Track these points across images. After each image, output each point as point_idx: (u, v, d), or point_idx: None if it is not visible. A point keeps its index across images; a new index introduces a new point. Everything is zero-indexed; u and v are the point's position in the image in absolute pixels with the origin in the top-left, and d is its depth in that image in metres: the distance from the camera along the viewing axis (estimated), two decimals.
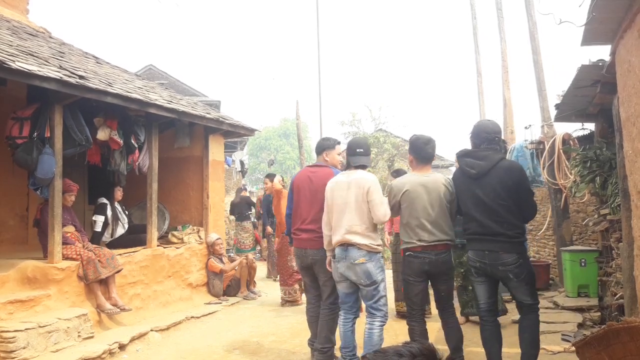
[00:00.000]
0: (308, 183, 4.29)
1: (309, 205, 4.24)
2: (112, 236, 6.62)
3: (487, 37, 64.40)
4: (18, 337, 4.22)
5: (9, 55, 4.73)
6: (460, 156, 3.75)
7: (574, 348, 2.99)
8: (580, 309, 5.66)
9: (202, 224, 7.83)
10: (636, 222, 3.41)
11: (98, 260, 5.47)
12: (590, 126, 6.26)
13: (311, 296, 4.46)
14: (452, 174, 3.90)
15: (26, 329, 4.31)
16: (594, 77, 4.48)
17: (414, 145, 3.86)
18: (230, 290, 7.70)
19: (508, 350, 3.72)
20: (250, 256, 8.03)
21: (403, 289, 4.11)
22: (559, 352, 4.32)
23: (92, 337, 4.94)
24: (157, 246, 6.75)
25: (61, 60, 6.01)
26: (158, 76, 18.70)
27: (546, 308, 5.97)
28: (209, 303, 7.17)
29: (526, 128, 7.97)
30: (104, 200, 6.57)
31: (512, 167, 3.57)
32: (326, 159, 4.40)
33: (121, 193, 6.78)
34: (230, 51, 79.95)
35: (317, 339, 4.18)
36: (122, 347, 4.90)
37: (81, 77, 5.35)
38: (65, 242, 5.41)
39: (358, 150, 3.95)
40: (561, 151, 6.85)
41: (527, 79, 22.33)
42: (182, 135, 7.55)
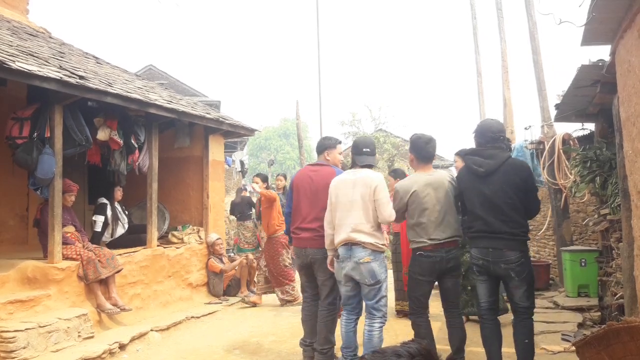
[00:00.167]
0: (309, 182, 4.25)
1: (310, 204, 4.20)
2: (112, 236, 6.62)
3: (487, 37, 64.51)
4: (18, 337, 4.21)
5: (9, 55, 4.73)
6: (466, 155, 3.77)
7: (574, 348, 2.99)
8: (580, 309, 5.66)
9: (202, 224, 7.83)
10: (636, 222, 3.41)
11: (98, 260, 5.47)
12: (590, 126, 6.26)
13: (307, 295, 4.42)
14: (457, 173, 3.90)
15: (26, 329, 4.31)
16: (594, 77, 4.49)
17: (415, 144, 3.87)
18: (230, 290, 7.70)
19: (508, 349, 3.71)
20: (250, 256, 8.02)
21: (407, 288, 4.10)
22: (559, 352, 4.32)
23: (92, 337, 4.94)
24: (157, 246, 6.76)
25: (61, 60, 6.01)
26: (158, 76, 18.71)
27: (546, 308, 5.97)
28: (209, 303, 7.17)
29: (526, 129, 7.97)
30: (104, 200, 6.57)
31: (521, 166, 3.61)
32: (327, 158, 4.35)
33: (121, 193, 6.78)
34: (230, 51, 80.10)
35: (317, 340, 4.15)
36: (123, 347, 4.90)
37: (81, 77, 5.35)
38: (65, 242, 5.41)
39: (365, 149, 3.92)
40: (561, 151, 6.85)
41: (527, 79, 22.35)
42: (182, 135, 7.55)
